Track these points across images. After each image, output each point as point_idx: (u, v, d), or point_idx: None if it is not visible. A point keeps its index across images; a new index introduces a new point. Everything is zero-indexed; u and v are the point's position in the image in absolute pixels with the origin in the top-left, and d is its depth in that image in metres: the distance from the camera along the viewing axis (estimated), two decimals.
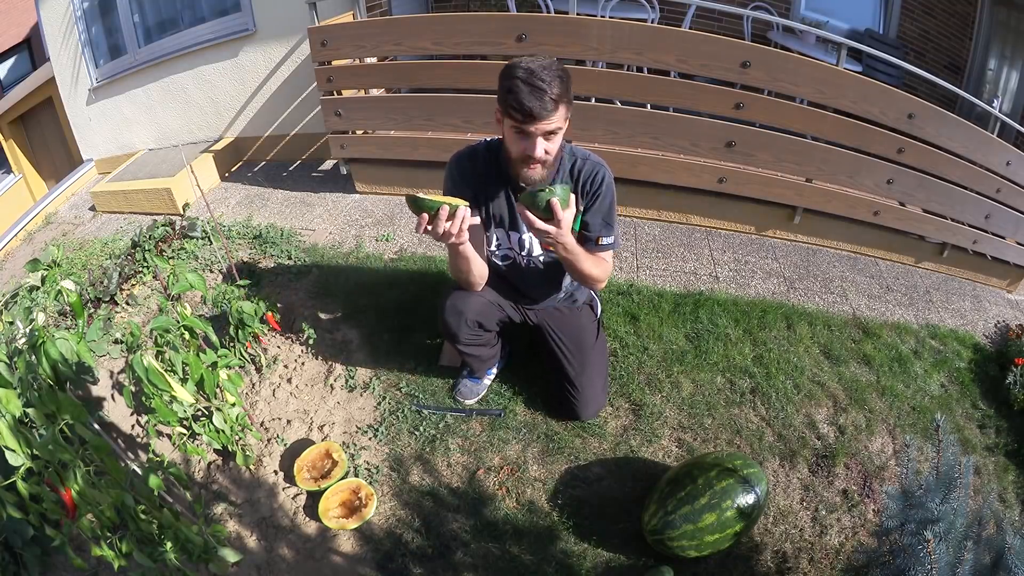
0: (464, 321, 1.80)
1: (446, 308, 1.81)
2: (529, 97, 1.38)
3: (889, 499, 1.34)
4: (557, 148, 1.53)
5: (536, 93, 1.38)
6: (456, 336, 1.83)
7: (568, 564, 1.66)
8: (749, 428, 2.04)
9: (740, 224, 3.11)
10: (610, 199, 1.68)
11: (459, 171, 1.69)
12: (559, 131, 1.48)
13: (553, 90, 1.39)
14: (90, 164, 4.28)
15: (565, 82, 1.43)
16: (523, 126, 1.44)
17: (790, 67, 2.62)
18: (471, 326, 1.82)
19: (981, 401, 2.42)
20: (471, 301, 1.80)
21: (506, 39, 2.69)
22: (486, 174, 1.67)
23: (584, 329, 1.96)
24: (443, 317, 1.82)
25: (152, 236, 2.73)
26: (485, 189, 1.68)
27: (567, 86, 1.44)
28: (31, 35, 7.82)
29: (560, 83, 1.41)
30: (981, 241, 3.21)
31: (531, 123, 1.42)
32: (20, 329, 1.45)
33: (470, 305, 1.80)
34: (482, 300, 1.82)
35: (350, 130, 3.15)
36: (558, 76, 1.41)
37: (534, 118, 1.40)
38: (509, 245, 1.79)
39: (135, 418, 1.93)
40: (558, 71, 1.42)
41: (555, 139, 1.49)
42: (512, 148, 1.52)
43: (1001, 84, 4.08)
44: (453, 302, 1.80)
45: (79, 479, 1.10)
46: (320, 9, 2.89)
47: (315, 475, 1.82)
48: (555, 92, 1.39)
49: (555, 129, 1.46)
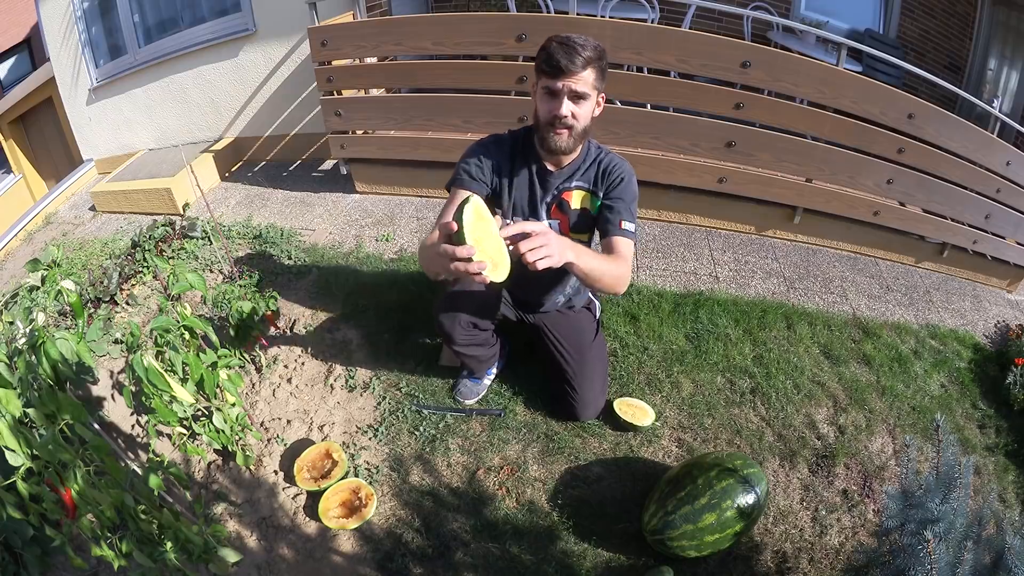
0: (458, 322, 1.79)
1: (440, 309, 1.81)
2: (560, 51, 1.43)
3: (889, 499, 1.33)
4: (585, 117, 1.53)
5: (567, 50, 1.42)
6: (451, 337, 1.83)
7: (568, 564, 1.66)
8: (749, 428, 2.04)
9: (740, 224, 3.11)
10: (633, 188, 1.67)
11: (483, 150, 1.68)
12: (588, 98, 1.50)
13: (585, 51, 1.42)
14: (90, 164, 4.28)
15: (600, 53, 1.47)
16: (552, 82, 1.46)
17: (790, 67, 2.62)
18: (465, 327, 1.81)
19: (981, 401, 2.42)
20: (466, 301, 1.79)
21: (506, 39, 2.69)
22: (511, 154, 1.67)
23: (583, 330, 1.95)
24: (437, 318, 1.82)
25: (152, 236, 2.73)
26: (509, 169, 1.68)
27: (601, 57, 1.47)
28: (31, 35, 7.82)
29: (595, 50, 1.45)
30: (981, 241, 3.22)
31: (560, 77, 1.45)
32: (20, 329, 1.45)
33: (465, 305, 1.79)
34: (477, 300, 1.82)
35: (350, 130, 3.15)
36: (594, 45, 1.46)
37: (562, 71, 1.43)
38: None
39: (135, 418, 1.93)
40: (595, 42, 1.47)
41: (583, 105, 1.50)
42: (541, 112, 1.54)
43: (1001, 84, 4.08)
44: (447, 302, 1.79)
45: (79, 479, 1.10)
46: (320, 9, 2.89)
47: (315, 475, 1.82)
48: (587, 53, 1.43)
49: (583, 93, 1.47)
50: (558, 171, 1.67)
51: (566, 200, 1.69)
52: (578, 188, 1.68)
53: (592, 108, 1.54)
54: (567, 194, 1.69)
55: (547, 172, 1.67)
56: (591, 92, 1.49)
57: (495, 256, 1.20)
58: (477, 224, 1.18)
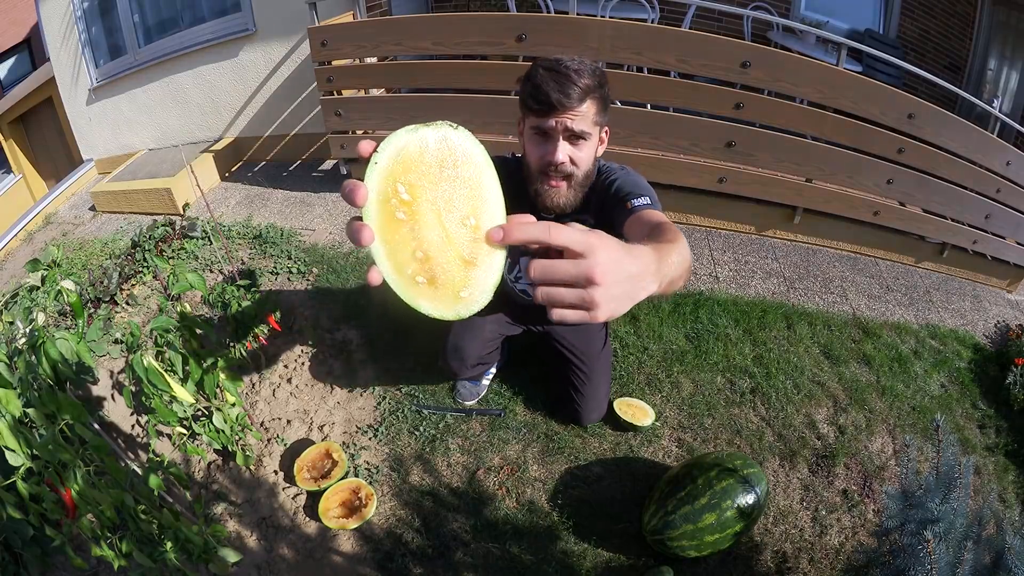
0: (466, 365, 1.80)
1: (448, 351, 1.80)
2: (549, 82, 1.17)
3: (889, 499, 1.34)
4: (587, 161, 1.27)
5: (558, 79, 1.17)
6: (457, 375, 1.85)
7: (568, 564, 1.66)
8: (749, 428, 2.04)
9: (740, 224, 3.11)
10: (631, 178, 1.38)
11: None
12: (587, 137, 1.23)
13: (582, 79, 1.17)
14: (90, 164, 4.28)
15: (600, 79, 1.21)
16: (542, 121, 1.20)
17: (790, 67, 2.62)
18: (472, 366, 1.83)
19: (981, 401, 2.42)
20: (474, 344, 1.77)
21: (506, 39, 2.69)
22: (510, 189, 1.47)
23: (593, 337, 1.92)
24: (445, 359, 1.82)
25: (152, 236, 2.73)
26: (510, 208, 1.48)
27: (602, 83, 1.22)
28: (31, 35, 7.81)
29: (592, 75, 1.19)
30: (981, 241, 3.21)
31: (552, 114, 1.19)
32: (20, 329, 1.45)
33: (473, 347, 1.78)
34: (484, 339, 1.80)
35: (350, 130, 3.15)
36: (591, 70, 1.20)
37: (554, 107, 1.17)
38: None
39: (135, 418, 1.93)
40: (592, 66, 1.21)
41: (584, 147, 1.24)
42: (531, 158, 1.28)
43: (1001, 84, 4.08)
44: (455, 343, 1.77)
45: (79, 479, 1.10)
46: (320, 9, 2.89)
47: (315, 475, 1.82)
48: (584, 82, 1.18)
49: (581, 132, 1.21)
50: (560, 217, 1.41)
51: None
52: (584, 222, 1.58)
53: (594, 148, 1.28)
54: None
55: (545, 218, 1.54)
56: (591, 130, 1.23)
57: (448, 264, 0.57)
58: (423, 176, 0.55)
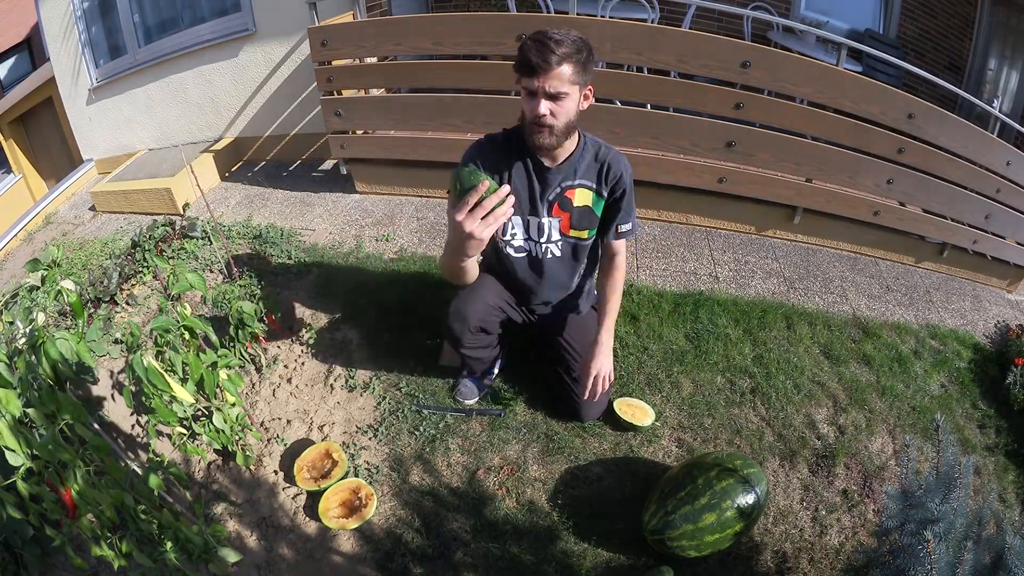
0: (467, 327, 1.80)
1: (450, 313, 1.80)
2: (533, 50, 1.40)
3: (889, 499, 1.34)
4: (567, 114, 1.50)
5: (540, 48, 1.39)
6: (459, 340, 1.84)
7: (568, 564, 1.66)
8: (749, 428, 2.04)
9: (740, 224, 3.11)
10: (630, 191, 1.72)
11: (479, 151, 1.66)
12: (565, 96, 1.45)
13: (560, 48, 1.38)
14: (90, 164, 4.27)
15: (579, 47, 1.41)
16: (528, 82, 1.44)
17: (790, 67, 2.62)
18: (474, 332, 1.82)
19: (981, 401, 2.42)
20: (475, 306, 1.79)
21: (506, 39, 2.69)
22: (507, 151, 1.66)
23: (590, 331, 1.94)
24: (446, 322, 1.82)
25: (152, 236, 2.72)
26: (506, 166, 1.66)
27: (581, 51, 1.42)
28: (31, 35, 7.81)
29: (572, 44, 1.40)
30: (981, 241, 3.22)
31: (533, 77, 1.42)
32: (20, 329, 1.45)
33: (474, 310, 1.79)
34: (486, 304, 1.82)
35: (350, 130, 3.15)
36: (572, 40, 1.40)
37: (535, 71, 1.40)
38: (526, 234, 1.77)
39: (135, 418, 1.93)
40: (575, 36, 1.41)
41: (563, 104, 1.47)
42: (525, 111, 1.52)
43: (1001, 84, 4.08)
44: (457, 306, 1.79)
45: (79, 479, 1.10)
46: (320, 9, 2.89)
47: (315, 475, 1.82)
48: (561, 50, 1.38)
49: (558, 92, 1.43)
50: (556, 167, 1.65)
51: (569, 198, 1.69)
52: (582, 187, 1.68)
53: (575, 103, 1.50)
54: (570, 192, 1.69)
55: (545, 168, 1.65)
56: (568, 89, 1.44)
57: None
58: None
